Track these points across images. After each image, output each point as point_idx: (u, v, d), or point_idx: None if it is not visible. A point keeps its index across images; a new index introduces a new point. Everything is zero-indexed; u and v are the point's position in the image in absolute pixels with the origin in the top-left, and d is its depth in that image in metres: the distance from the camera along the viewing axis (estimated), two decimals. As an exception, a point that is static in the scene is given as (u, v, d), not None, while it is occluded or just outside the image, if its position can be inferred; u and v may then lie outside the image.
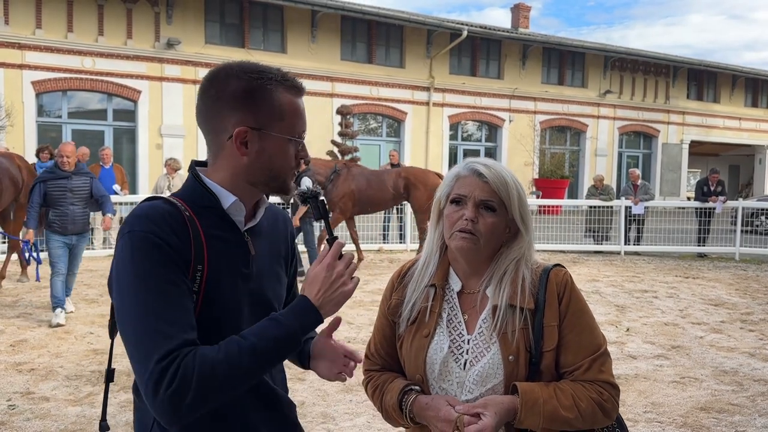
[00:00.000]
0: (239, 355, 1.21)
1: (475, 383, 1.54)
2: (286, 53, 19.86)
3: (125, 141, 18.24)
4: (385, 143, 21.91)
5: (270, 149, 1.36)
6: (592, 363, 1.53)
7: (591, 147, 25.67)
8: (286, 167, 1.38)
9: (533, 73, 24.47)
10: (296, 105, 1.38)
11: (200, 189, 1.37)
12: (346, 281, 1.32)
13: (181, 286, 1.24)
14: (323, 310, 1.31)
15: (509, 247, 1.61)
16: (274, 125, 1.35)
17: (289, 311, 1.29)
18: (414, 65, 22.20)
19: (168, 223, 1.27)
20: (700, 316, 7.45)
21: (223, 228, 1.36)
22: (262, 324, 1.27)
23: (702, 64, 27.45)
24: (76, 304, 7.22)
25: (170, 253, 1.24)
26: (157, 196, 1.38)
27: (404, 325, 1.65)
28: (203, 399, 1.18)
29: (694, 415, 4.36)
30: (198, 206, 1.34)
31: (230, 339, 1.24)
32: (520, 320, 1.53)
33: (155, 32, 18.17)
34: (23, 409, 4.21)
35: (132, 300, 1.22)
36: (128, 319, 1.22)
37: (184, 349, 1.18)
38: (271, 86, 1.36)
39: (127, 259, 1.24)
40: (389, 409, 1.62)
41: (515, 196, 1.58)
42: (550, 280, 1.58)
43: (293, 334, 1.26)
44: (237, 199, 1.37)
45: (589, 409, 1.49)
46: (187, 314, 1.23)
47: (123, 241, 1.26)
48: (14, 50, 16.42)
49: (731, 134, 29.67)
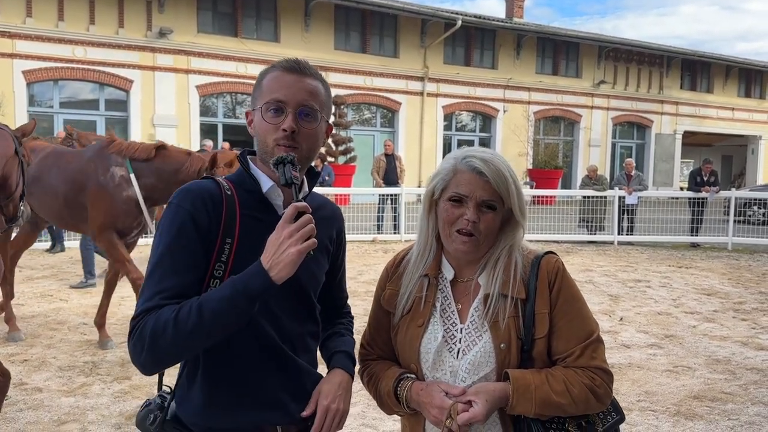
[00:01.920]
0: (188, 313, 1.30)
1: (468, 372, 1.54)
2: (279, 42, 19.74)
3: (118, 131, 18.06)
4: (380, 133, 21.86)
5: (256, 121, 1.50)
6: (584, 349, 1.53)
7: (585, 137, 25.69)
8: (265, 131, 1.47)
9: (527, 63, 24.43)
10: (278, 77, 1.48)
11: (244, 174, 1.52)
12: (295, 242, 1.30)
13: (188, 256, 1.39)
14: (273, 271, 1.31)
15: (504, 233, 1.61)
16: (259, 100, 1.49)
17: (241, 274, 1.34)
18: (408, 55, 22.11)
19: (202, 199, 1.43)
20: (693, 305, 7.48)
21: (261, 210, 1.49)
22: (218, 287, 1.37)
23: (696, 54, 27.47)
24: (69, 295, 7.20)
25: (195, 223, 1.40)
26: (210, 176, 1.58)
27: (399, 315, 1.65)
28: (154, 353, 1.32)
29: (688, 403, 4.38)
30: (242, 189, 1.50)
31: (187, 300, 1.34)
32: (510, 308, 1.53)
33: (147, 21, 18.01)
34: (16, 400, 4.19)
35: (151, 259, 1.42)
36: (147, 269, 1.43)
37: (154, 310, 1.33)
38: (269, 71, 1.51)
39: (162, 222, 1.44)
40: (384, 396, 1.62)
41: (514, 191, 1.56)
42: (542, 267, 1.58)
43: (236, 294, 1.30)
44: (274, 185, 1.49)
45: (582, 394, 1.50)
46: (178, 284, 1.36)
47: (167, 208, 1.46)
48: (4, 39, 16.26)
49: (724, 124, 29.75)
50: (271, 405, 1.50)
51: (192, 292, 1.37)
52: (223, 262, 1.43)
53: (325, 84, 1.54)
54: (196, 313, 1.30)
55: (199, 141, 16.92)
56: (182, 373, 1.52)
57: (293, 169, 1.40)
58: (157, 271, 1.39)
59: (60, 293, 7.37)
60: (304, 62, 1.50)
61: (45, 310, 6.56)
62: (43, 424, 3.84)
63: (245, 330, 1.42)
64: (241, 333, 1.42)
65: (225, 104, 19.97)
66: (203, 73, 18.71)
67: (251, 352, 1.47)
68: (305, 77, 1.48)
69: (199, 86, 18.73)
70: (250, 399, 1.48)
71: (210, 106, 19.64)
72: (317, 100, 1.49)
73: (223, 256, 1.43)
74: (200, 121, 19.00)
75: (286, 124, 1.44)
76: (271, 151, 1.45)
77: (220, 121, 19.54)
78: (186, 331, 1.30)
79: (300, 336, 1.55)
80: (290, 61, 1.50)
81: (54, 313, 6.44)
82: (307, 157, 1.50)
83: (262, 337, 1.47)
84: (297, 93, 1.45)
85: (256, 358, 1.48)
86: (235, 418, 1.48)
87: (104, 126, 17.87)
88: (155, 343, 1.31)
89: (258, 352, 1.48)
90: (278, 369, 1.51)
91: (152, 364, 1.35)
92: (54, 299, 7.09)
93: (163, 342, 1.31)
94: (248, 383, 1.48)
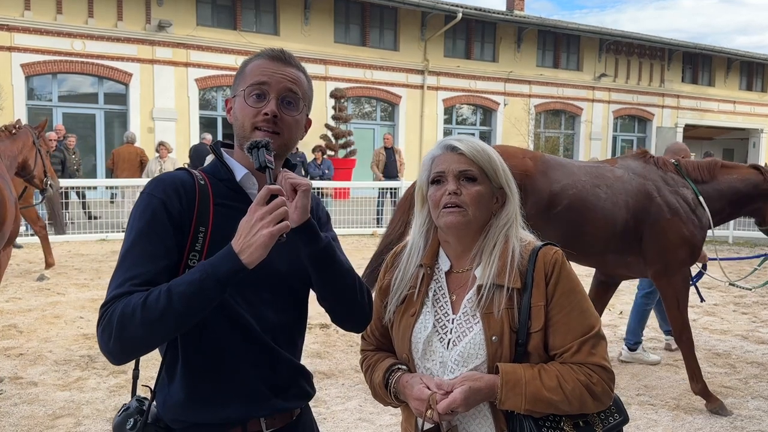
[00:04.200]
0: (157, 298, 1.28)
1: (457, 363, 1.52)
2: (279, 35, 19.65)
3: (117, 125, 18.07)
4: (380, 127, 21.80)
5: (236, 107, 1.49)
6: (581, 345, 1.49)
7: (586, 131, 25.62)
8: (245, 116, 1.46)
9: (528, 56, 24.33)
10: (261, 64, 1.48)
11: (218, 164, 1.52)
12: (267, 224, 1.26)
13: (160, 243, 1.37)
14: (244, 254, 1.27)
15: (498, 216, 1.59)
16: (239, 87, 1.49)
17: (212, 258, 1.32)
18: (408, 48, 22.03)
19: (174, 187, 1.42)
20: (694, 298, 7.45)
21: (235, 199, 1.47)
22: (189, 271, 1.34)
23: (697, 47, 27.36)
24: (66, 289, 7.18)
25: (164, 213, 1.38)
26: (182, 168, 1.53)
27: (394, 305, 1.65)
28: (122, 340, 1.28)
29: (687, 397, 4.35)
30: (215, 178, 1.49)
31: (158, 286, 1.31)
32: (505, 299, 1.50)
33: (146, 14, 17.94)
34: (11, 394, 4.17)
35: (122, 248, 1.40)
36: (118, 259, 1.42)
37: (124, 296, 1.30)
38: (252, 60, 1.50)
39: (133, 212, 1.43)
40: (377, 387, 1.63)
41: (497, 163, 1.58)
42: (539, 259, 1.54)
43: (206, 277, 1.28)
44: (248, 172, 1.49)
45: (576, 391, 1.45)
46: (149, 271, 1.34)
47: (139, 198, 1.44)
48: (3, 32, 16.20)
49: (725, 118, 29.66)
50: (254, 397, 1.47)
51: (162, 280, 1.34)
52: (197, 251, 1.41)
53: (308, 76, 1.54)
54: (165, 296, 1.27)
55: (198, 134, 16.88)
56: (162, 370, 1.48)
57: (267, 153, 1.37)
58: (128, 258, 1.37)
59: (57, 287, 7.35)
60: (288, 52, 1.52)
61: (42, 304, 6.54)
62: (37, 418, 3.82)
63: (225, 321, 1.41)
64: (220, 324, 1.41)
65: (224, 98, 19.78)
66: (202, 67, 18.64)
67: (232, 344, 1.44)
68: (288, 66, 1.49)
69: (198, 79, 18.67)
70: (232, 392, 1.45)
71: (209, 100, 19.58)
72: (300, 89, 1.49)
73: (197, 245, 1.41)
74: (200, 114, 18.93)
75: (269, 108, 1.43)
76: (249, 135, 1.43)
77: (219, 115, 19.46)
78: (155, 316, 1.26)
79: (281, 327, 1.51)
80: (275, 50, 1.50)
81: (51, 307, 6.42)
82: (285, 145, 1.48)
83: (243, 328, 1.45)
84: (281, 80, 1.46)
85: (237, 350, 1.45)
86: (218, 412, 1.44)
87: (103, 119, 17.84)
88: (123, 328, 1.27)
89: (239, 343, 1.45)
90: (260, 361, 1.48)
91: (121, 352, 1.31)
92: (51, 293, 7.07)
93: (132, 327, 1.27)
94: (230, 376, 1.45)
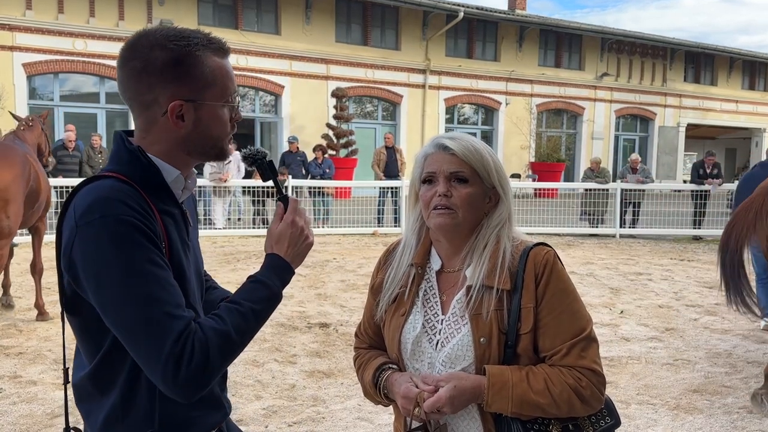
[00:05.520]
0: (245, 321, 1.27)
1: (444, 364, 1.51)
2: (280, 35, 19.66)
3: (118, 124, 18.07)
4: (381, 126, 21.79)
5: (206, 118, 1.33)
6: (571, 348, 1.46)
7: (587, 130, 25.59)
8: (222, 133, 1.37)
9: (530, 56, 24.31)
10: (225, 67, 1.35)
11: (145, 164, 1.31)
12: (309, 234, 1.41)
13: (164, 264, 1.24)
14: (294, 264, 1.39)
15: (490, 216, 1.57)
16: (207, 93, 1.31)
17: (268, 271, 1.34)
18: (410, 47, 22.01)
19: (136, 202, 1.23)
20: (695, 298, 7.43)
21: (167, 202, 1.34)
22: (248, 288, 1.32)
23: (699, 46, 27.31)
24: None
25: (147, 232, 1.21)
26: (98, 175, 1.31)
27: (385, 304, 1.64)
28: (221, 367, 1.24)
29: (687, 397, 4.34)
30: (143, 182, 1.29)
31: (225, 307, 1.27)
32: (495, 301, 1.48)
33: (147, 13, 17.95)
34: (10, 393, 4.17)
35: (128, 291, 1.17)
36: (129, 310, 1.17)
37: (192, 326, 1.20)
38: (198, 52, 1.30)
39: (109, 247, 1.18)
40: (367, 386, 1.62)
41: (489, 163, 1.54)
42: (530, 259, 1.52)
43: (278, 292, 1.35)
44: (180, 174, 1.36)
45: (564, 395, 1.43)
46: (178, 291, 1.24)
47: (96, 229, 1.18)
48: (4, 32, 16.22)
49: (728, 117, 29.60)
50: (217, 405, 1.43)
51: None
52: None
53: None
54: (253, 318, 1.29)
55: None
56: (114, 402, 1.30)
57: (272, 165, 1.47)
58: (156, 289, 1.19)
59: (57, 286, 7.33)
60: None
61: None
62: (36, 417, 3.82)
63: None
64: None
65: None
66: (204, 66, 18.63)
67: None
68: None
69: (199, 79, 18.66)
70: (200, 402, 1.35)
71: (211, 99, 19.58)
72: None
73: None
74: (201, 114, 18.92)
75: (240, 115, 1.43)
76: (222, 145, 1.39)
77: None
78: (247, 338, 1.29)
79: None
80: (220, 40, 1.36)
81: (51, 306, 6.42)
82: None
83: None
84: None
85: None
86: (191, 427, 1.37)
87: (105, 119, 17.84)
88: (223, 353, 1.23)
89: None
90: None
91: (217, 374, 1.25)
92: (52, 292, 7.06)
93: (229, 349, 1.25)
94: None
